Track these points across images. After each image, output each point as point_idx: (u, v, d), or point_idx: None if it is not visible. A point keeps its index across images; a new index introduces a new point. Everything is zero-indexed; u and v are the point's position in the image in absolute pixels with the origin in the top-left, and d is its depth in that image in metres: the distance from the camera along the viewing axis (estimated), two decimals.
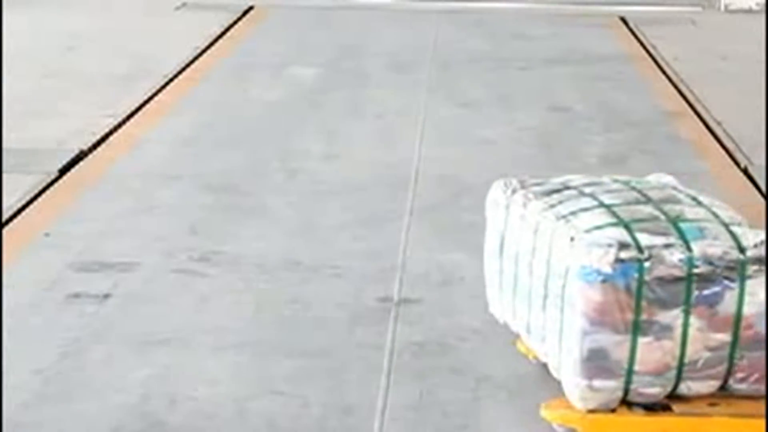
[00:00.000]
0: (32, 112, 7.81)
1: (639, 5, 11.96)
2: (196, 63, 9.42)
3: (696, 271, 3.80)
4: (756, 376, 3.91)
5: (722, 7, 12.11)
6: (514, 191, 4.31)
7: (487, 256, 4.44)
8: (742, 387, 3.93)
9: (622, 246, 3.80)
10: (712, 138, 7.45)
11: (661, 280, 3.80)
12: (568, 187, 4.25)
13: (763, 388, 3.93)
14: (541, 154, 7.07)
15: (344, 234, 5.77)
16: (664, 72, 9.10)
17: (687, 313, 3.81)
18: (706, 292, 3.82)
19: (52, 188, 6.38)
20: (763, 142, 7.06)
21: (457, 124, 7.76)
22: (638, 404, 3.91)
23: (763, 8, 11.71)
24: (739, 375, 3.91)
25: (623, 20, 11.30)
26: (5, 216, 5.87)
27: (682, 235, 3.88)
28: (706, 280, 3.82)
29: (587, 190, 4.20)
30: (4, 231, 5.68)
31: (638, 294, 3.79)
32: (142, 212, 6.05)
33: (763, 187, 6.43)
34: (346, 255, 5.48)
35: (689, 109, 8.11)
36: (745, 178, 6.70)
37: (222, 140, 7.35)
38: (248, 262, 5.39)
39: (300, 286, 5.15)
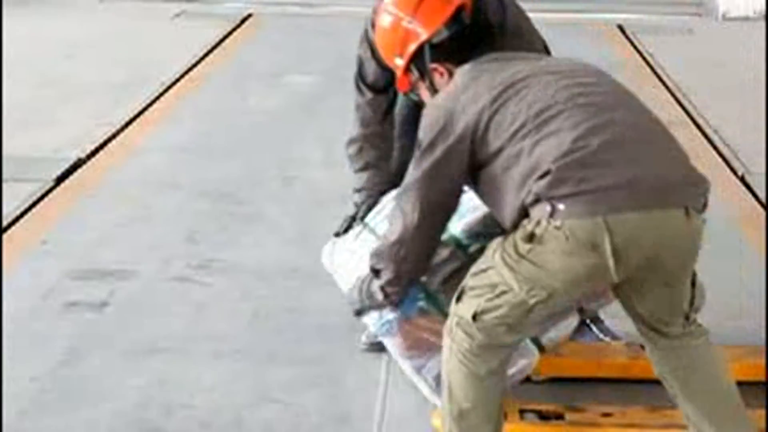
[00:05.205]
0: (30, 120, 7.81)
1: (636, 13, 11.95)
2: (194, 71, 9.42)
3: None
4: None
5: (719, 15, 12.09)
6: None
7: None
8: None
9: None
10: (708, 146, 7.45)
11: None
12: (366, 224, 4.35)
13: None
14: None
15: None
16: (661, 80, 9.10)
17: None
18: None
19: (49, 196, 6.38)
20: (760, 150, 7.07)
21: None
22: (532, 411, 3.89)
23: (761, 16, 11.70)
24: None
25: (620, 28, 11.29)
26: (3, 224, 5.87)
27: None
28: None
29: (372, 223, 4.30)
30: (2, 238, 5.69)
31: None
32: (139, 220, 6.05)
33: (762, 196, 6.43)
34: None
35: (686, 117, 8.11)
36: (742, 186, 6.70)
37: (220, 148, 7.35)
38: (246, 270, 5.39)
39: (298, 293, 5.15)
